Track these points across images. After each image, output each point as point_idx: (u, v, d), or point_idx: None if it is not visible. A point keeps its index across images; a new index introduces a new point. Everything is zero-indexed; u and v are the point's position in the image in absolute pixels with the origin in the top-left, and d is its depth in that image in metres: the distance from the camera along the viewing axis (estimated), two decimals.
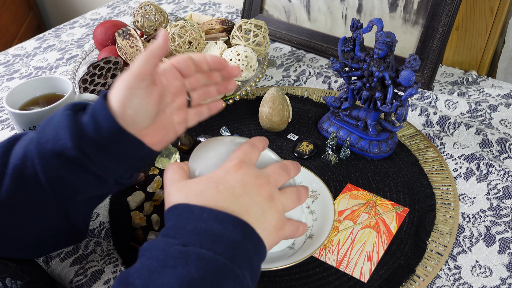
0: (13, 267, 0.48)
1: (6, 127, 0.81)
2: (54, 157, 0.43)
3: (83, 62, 0.88)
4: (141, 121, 0.44)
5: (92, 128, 0.43)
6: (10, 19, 1.77)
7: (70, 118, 0.44)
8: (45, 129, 0.45)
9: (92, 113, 0.44)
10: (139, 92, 0.43)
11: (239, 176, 0.42)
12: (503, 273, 0.53)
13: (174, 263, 0.35)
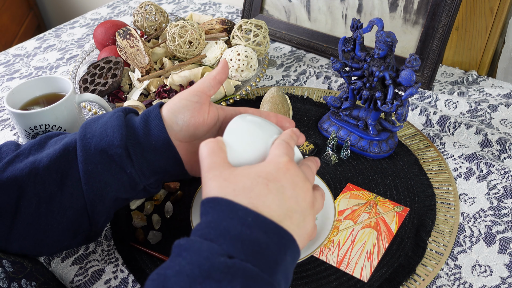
0: (28, 267, 0.48)
1: (6, 127, 0.81)
2: (98, 152, 0.45)
3: (83, 62, 0.88)
4: (183, 134, 0.47)
5: (142, 132, 0.46)
6: (10, 19, 1.77)
7: (121, 119, 0.46)
8: (92, 126, 0.47)
9: (145, 119, 0.47)
10: (189, 105, 0.47)
11: (290, 176, 0.40)
12: (504, 273, 0.53)
13: (219, 278, 0.33)
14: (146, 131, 0.46)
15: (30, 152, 0.47)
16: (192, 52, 0.80)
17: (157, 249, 0.56)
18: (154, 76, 0.78)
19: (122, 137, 0.45)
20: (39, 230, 0.46)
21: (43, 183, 0.45)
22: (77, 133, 0.48)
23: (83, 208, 0.47)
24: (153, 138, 0.46)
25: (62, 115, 0.64)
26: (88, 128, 0.47)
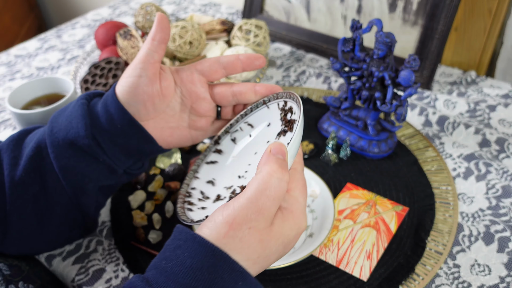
0: (26, 270, 0.48)
1: (8, 127, 0.82)
2: (67, 146, 0.44)
3: (84, 63, 0.88)
4: (142, 113, 0.44)
5: (105, 118, 0.44)
6: (12, 20, 1.78)
7: (84, 107, 0.44)
8: (58, 119, 0.45)
9: (104, 104, 0.44)
10: (135, 81, 0.43)
11: (285, 238, 0.37)
12: (502, 272, 0.53)
13: None
14: (109, 116, 0.44)
15: (7, 150, 0.46)
16: (192, 52, 0.81)
17: (158, 249, 0.57)
18: None
19: (86, 127, 0.43)
20: (33, 231, 0.46)
21: (23, 185, 0.44)
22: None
23: (70, 202, 0.46)
24: (117, 122, 0.43)
25: None
26: (54, 122, 0.45)
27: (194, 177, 0.48)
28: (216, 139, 0.50)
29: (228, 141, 0.50)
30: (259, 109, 0.48)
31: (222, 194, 0.45)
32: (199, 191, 0.47)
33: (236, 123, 0.49)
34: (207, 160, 0.49)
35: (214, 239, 0.34)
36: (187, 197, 0.46)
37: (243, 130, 0.49)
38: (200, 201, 0.45)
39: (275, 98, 0.47)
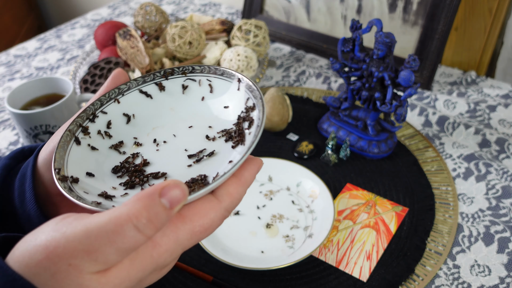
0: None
1: (7, 127, 0.82)
2: None
3: (84, 63, 0.88)
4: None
5: (18, 200, 0.36)
6: (12, 20, 1.77)
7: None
8: None
9: (21, 180, 0.36)
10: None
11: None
12: (502, 272, 0.53)
13: None
14: (21, 199, 0.36)
15: None
16: (192, 52, 0.81)
17: None
18: None
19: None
20: None
21: None
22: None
23: None
24: (27, 208, 0.35)
25: (63, 115, 0.64)
26: None
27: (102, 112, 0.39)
28: (169, 71, 0.41)
29: (177, 85, 0.41)
30: (228, 79, 0.39)
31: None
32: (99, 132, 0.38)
33: (199, 70, 0.40)
34: (140, 88, 0.40)
35: (23, 265, 0.27)
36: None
37: (200, 85, 0.40)
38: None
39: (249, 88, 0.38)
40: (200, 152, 0.37)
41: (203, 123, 0.39)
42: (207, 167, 0.36)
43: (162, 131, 0.39)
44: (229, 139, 0.37)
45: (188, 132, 0.39)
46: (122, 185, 0.36)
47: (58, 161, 0.35)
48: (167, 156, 0.38)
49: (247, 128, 0.36)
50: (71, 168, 0.35)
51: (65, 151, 0.36)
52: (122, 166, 0.37)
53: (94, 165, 0.37)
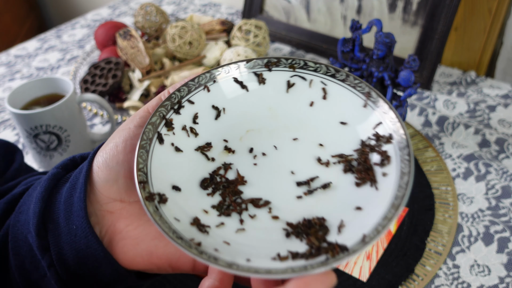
0: None
1: (8, 127, 0.82)
2: (26, 244, 0.35)
3: (84, 63, 0.88)
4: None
5: (63, 215, 0.33)
6: (12, 20, 1.78)
7: (43, 198, 0.34)
8: (22, 207, 0.37)
9: (69, 193, 0.33)
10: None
11: None
12: (502, 272, 0.53)
13: None
14: (68, 207, 0.33)
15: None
16: (192, 52, 0.81)
17: None
18: (155, 76, 0.79)
19: (35, 224, 0.33)
20: None
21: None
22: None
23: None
24: (74, 220, 0.32)
25: (63, 115, 0.64)
26: (18, 209, 0.37)
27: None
28: (274, 61, 0.32)
29: (281, 79, 0.32)
30: (352, 89, 0.31)
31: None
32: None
33: (313, 68, 0.32)
34: (236, 76, 0.32)
35: None
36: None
37: (311, 86, 0.32)
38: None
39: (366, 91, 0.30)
40: (312, 180, 0.30)
41: (311, 138, 0.31)
42: (322, 205, 0.28)
43: (258, 138, 0.32)
44: (348, 170, 0.29)
45: (293, 146, 0.31)
46: (214, 209, 0.29)
47: (141, 169, 0.28)
48: (268, 175, 0.30)
49: (380, 164, 0.28)
50: (156, 179, 0.28)
51: (147, 153, 0.29)
52: (212, 180, 0.30)
53: (179, 173, 0.30)
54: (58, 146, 0.67)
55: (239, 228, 0.28)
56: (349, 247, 0.25)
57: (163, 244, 0.31)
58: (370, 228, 0.25)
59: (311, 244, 0.26)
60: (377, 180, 0.28)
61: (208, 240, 0.27)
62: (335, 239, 0.26)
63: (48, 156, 0.67)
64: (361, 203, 0.27)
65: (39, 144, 0.65)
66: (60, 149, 0.67)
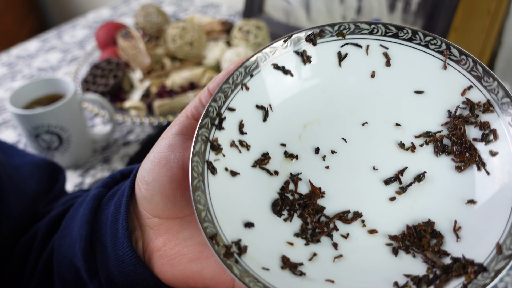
0: None
1: (9, 128, 0.82)
2: (71, 268, 0.35)
3: (85, 63, 0.89)
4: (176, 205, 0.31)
5: (110, 236, 0.33)
6: (13, 20, 1.78)
7: (88, 219, 0.34)
8: (65, 230, 0.37)
9: (114, 216, 0.33)
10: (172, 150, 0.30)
11: None
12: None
13: None
14: (114, 232, 0.33)
15: (40, 237, 0.40)
16: (193, 53, 0.81)
17: None
18: (155, 77, 0.79)
19: (82, 247, 0.34)
20: None
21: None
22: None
23: None
24: (120, 247, 0.32)
25: (64, 115, 0.65)
26: (62, 232, 0.37)
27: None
28: (317, 32, 0.27)
29: (330, 53, 0.26)
30: (423, 47, 0.24)
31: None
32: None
33: (367, 31, 0.25)
34: (274, 62, 0.27)
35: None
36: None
37: (368, 54, 0.26)
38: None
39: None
40: (401, 173, 0.24)
41: (383, 118, 0.25)
42: (423, 205, 0.23)
43: (320, 132, 0.26)
44: (442, 152, 0.23)
45: (364, 133, 0.26)
46: (299, 238, 0.24)
47: (206, 219, 0.23)
48: (346, 179, 0.25)
49: (483, 140, 0.22)
50: (224, 223, 0.24)
51: (205, 194, 0.24)
52: (284, 200, 0.25)
53: (244, 203, 0.25)
54: (59, 146, 0.67)
55: (335, 256, 0.23)
56: (486, 264, 0.20)
57: (199, 268, 0.30)
58: (499, 231, 0.19)
59: (429, 261, 0.22)
60: (485, 162, 0.22)
61: (307, 285, 0.22)
62: (458, 250, 0.21)
63: (50, 156, 0.68)
64: (472, 194, 0.22)
65: (41, 144, 0.66)
66: (62, 149, 0.68)
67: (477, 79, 0.22)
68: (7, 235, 0.41)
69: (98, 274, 0.33)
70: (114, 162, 0.73)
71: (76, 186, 0.69)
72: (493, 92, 0.22)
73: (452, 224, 0.21)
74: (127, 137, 0.78)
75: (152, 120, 0.73)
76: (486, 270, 0.20)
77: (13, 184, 0.42)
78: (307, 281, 0.22)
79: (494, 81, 0.22)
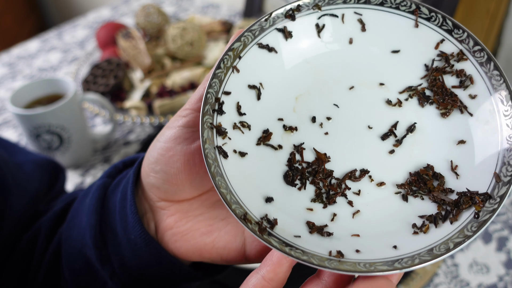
0: None
1: (10, 128, 0.82)
2: (77, 254, 0.36)
3: (85, 63, 0.89)
4: (190, 186, 0.31)
5: (119, 219, 0.34)
6: (13, 20, 1.78)
7: (97, 205, 0.35)
8: (72, 222, 0.38)
9: (122, 197, 0.34)
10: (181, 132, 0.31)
11: None
12: (500, 271, 0.54)
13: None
14: (123, 218, 0.34)
15: (45, 231, 0.41)
16: (193, 53, 0.81)
17: None
18: (156, 76, 0.79)
19: (92, 236, 0.35)
20: None
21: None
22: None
23: None
24: (131, 231, 0.33)
25: (65, 115, 0.65)
26: (69, 223, 0.38)
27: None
28: (294, 8, 0.27)
29: (308, 25, 0.28)
30: (393, 10, 0.26)
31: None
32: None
33: (339, 2, 0.27)
34: (260, 41, 0.27)
35: None
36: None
37: (344, 22, 0.27)
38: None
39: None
40: (394, 127, 0.26)
41: (367, 80, 0.27)
42: (420, 152, 0.26)
43: (312, 102, 0.28)
44: (426, 102, 0.26)
45: (353, 96, 0.27)
46: (316, 202, 0.26)
47: (232, 201, 0.24)
48: (346, 141, 0.27)
49: (460, 86, 0.25)
50: (248, 202, 0.25)
51: (223, 178, 0.25)
52: (294, 170, 0.27)
53: (259, 180, 0.27)
54: (60, 146, 0.67)
55: (353, 212, 0.26)
56: (489, 192, 0.22)
57: (211, 239, 0.32)
58: (493, 162, 0.22)
59: (437, 200, 0.24)
60: (466, 105, 0.24)
61: (337, 243, 0.24)
62: (460, 186, 0.23)
63: (50, 156, 0.68)
64: (461, 135, 0.24)
65: (42, 144, 0.66)
66: (62, 149, 0.68)
67: (448, 33, 0.25)
68: (8, 232, 0.41)
69: (110, 260, 0.34)
70: (114, 161, 0.73)
71: (76, 185, 0.69)
72: (465, 42, 0.25)
73: (449, 165, 0.24)
74: (128, 137, 0.78)
75: (153, 120, 0.73)
76: (492, 197, 0.23)
77: (15, 181, 0.43)
78: (335, 240, 0.25)
79: (464, 32, 0.25)
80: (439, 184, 0.25)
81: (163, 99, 0.75)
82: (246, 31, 0.27)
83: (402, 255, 0.23)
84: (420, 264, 0.22)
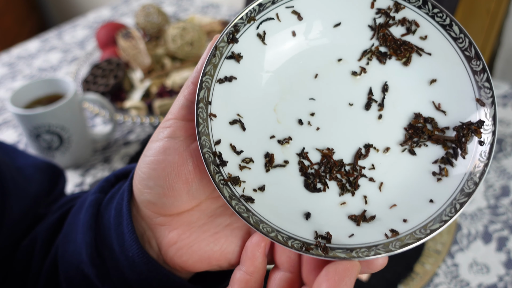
0: None
1: (10, 128, 0.82)
2: (75, 271, 0.36)
3: (85, 63, 0.89)
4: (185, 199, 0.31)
5: (115, 236, 0.33)
6: (13, 21, 1.78)
7: (90, 221, 0.35)
8: (67, 237, 0.37)
9: (117, 213, 0.33)
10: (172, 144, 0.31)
11: None
12: (500, 271, 0.54)
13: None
14: (120, 235, 0.33)
15: (41, 243, 0.41)
16: (193, 53, 0.81)
17: None
18: (156, 76, 0.79)
19: (89, 254, 0.34)
20: None
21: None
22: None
23: None
24: (128, 249, 0.33)
25: (65, 115, 0.65)
26: (64, 238, 0.37)
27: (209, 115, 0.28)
28: (232, 30, 0.28)
29: (252, 39, 0.28)
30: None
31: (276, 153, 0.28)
32: (227, 145, 0.28)
33: (269, 3, 0.28)
34: (218, 76, 0.28)
35: None
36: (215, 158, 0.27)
37: (281, 20, 0.28)
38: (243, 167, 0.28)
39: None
40: (371, 94, 0.28)
41: (324, 61, 0.28)
42: (403, 105, 0.27)
43: (289, 106, 0.29)
44: (384, 58, 0.27)
45: (322, 84, 0.28)
46: (344, 195, 0.28)
47: (270, 235, 0.26)
48: (338, 128, 0.28)
49: (409, 32, 0.27)
50: (292, 230, 0.26)
51: (251, 213, 0.27)
52: (310, 177, 0.28)
53: (289, 203, 0.28)
54: (60, 146, 0.67)
55: (378, 186, 0.28)
56: (481, 118, 0.25)
57: (219, 247, 0.32)
58: (469, 90, 0.24)
59: (440, 141, 0.26)
60: (421, 47, 0.27)
61: (384, 222, 0.26)
62: (452, 122, 0.25)
63: (50, 156, 0.68)
64: (429, 75, 0.26)
65: (42, 144, 0.66)
66: (62, 149, 0.68)
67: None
68: (8, 235, 0.41)
69: (110, 277, 0.34)
70: (114, 162, 0.73)
71: (76, 185, 0.69)
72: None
73: (433, 106, 0.26)
74: (128, 137, 0.78)
75: (153, 120, 0.73)
76: (484, 121, 0.25)
77: (15, 185, 0.43)
78: (378, 221, 0.26)
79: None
80: (433, 126, 0.26)
81: (163, 99, 0.75)
82: (203, 76, 0.27)
83: (442, 207, 0.25)
84: (468, 199, 0.24)
